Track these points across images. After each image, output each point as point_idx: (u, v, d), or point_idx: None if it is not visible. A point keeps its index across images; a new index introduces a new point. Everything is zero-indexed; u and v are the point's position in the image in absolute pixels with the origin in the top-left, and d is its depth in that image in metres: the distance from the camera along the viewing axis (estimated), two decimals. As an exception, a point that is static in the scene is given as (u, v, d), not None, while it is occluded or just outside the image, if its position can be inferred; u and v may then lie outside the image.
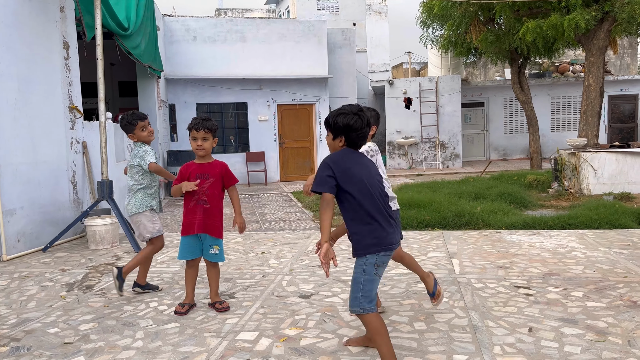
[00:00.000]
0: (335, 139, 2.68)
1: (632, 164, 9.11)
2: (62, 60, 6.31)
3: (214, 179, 3.58)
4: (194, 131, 3.53)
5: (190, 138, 3.57)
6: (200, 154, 3.57)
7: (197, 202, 3.56)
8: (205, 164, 3.61)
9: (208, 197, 3.56)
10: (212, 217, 3.59)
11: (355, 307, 2.57)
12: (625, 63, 21.42)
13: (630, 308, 3.43)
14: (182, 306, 3.63)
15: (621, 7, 9.62)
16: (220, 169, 3.63)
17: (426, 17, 13.99)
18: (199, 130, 3.51)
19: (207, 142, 3.55)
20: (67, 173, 6.36)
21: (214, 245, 3.63)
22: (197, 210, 3.56)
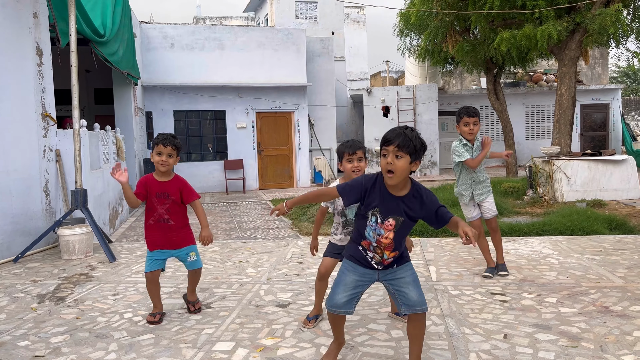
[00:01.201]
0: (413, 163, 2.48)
1: (604, 171, 9.33)
2: (35, 67, 6.20)
3: (173, 197, 3.58)
4: (160, 146, 3.51)
5: (155, 152, 3.54)
6: (162, 169, 3.55)
7: (157, 220, 3.57)
8: (166, 182, 3.59)
9: (171, 215, 3.58)
10: (178, 231, 3.61)
11: (426, 303, 2.62)
12: (597, 73, 21.97)
13: (602, 313, 3.50)
14: (154, 315, 3.59)
15: (592, 18, 9.88)
16: (179, 185, 3.62)
17: (403, 26, 14.14)
18: (167, 145, 3.51)
19: (172, 158, 3.55)
20: (39, 182, 6.23)
21: (189, 252, 3.67)
22: (159, 227, 3.57)
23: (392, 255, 2.59)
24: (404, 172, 2.44)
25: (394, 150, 2.43)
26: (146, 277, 3.62)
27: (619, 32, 10.27)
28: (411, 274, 2.64)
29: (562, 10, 10.38)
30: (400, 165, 2.42)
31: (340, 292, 2.62)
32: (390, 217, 2.53)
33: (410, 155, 2.43)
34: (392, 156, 2.43)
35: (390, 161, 2.43)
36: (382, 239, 2.56)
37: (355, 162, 3.30)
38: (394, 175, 2.44)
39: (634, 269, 4.59)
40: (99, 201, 7.24)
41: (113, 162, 8.59)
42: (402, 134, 2.44)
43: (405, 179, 2.49)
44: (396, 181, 2.46)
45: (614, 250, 5.35)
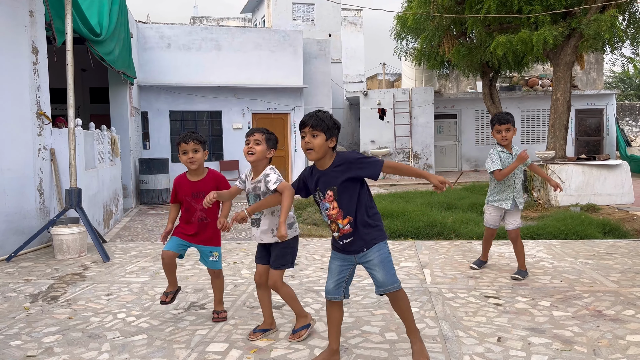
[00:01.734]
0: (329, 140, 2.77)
1: (598, 176, 9.37)
2: (31, 65, 6.17)
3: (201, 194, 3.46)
4: (182, 144, 3.43)
5: (180, 153, 3.45)
6: (193, 167, 3.45)
7: (199, 219, 3.49)
8: (199, 181, 3.49)
9: (207, 213, 3.49)
10: (209, 229, 3.53)
11: (397, 282, 2.74)
12: (592, 78, 22.09)
13: (595, 317, 3.51)
14: (167, 295, 3.58)
15: (588, 23, 9.93)
16: (215, 183, 3.50)
17: (400, 29, 14.18)
18: (189, 142, 3.42)
19: (198, 153, 3.45)
20: (33, 180, 6.20)
21: (213, 252, 3.57)
22: (196, 224, 3.50)
23: (346, 222, 2.73)
24: (321, 148, 2.72)
25: (309, 130, 2.73)
26: (163, 256, 3.48)
27: (614, 38, 10.33)
28: (379, 255, 2.74)
29: (558, 15, 10.43)
30: (317, 142, 2.71)
31: (329, 279, 2.84)
32: (327, 190, 2.76)
33: (324, 132, 2.72)
34: (309, 136, 2.72)
35: (307, 140, 2.73)
36: (330, 212, 2.76)
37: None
38: (313, 151, 2.72)
39: (627, 274, 4.61)
40: (93, 201, 7.21)
41: (108, 162, 8.57)
42: (314, 116, 2.75)
43: (327, 154, 2.76)
44: (315, 156, 2.74)
45: (608, 255, 5.37)
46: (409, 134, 17.46)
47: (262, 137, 3.18)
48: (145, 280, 4.69)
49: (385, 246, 2.79)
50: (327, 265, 2.83)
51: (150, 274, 4.92)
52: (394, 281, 2.72)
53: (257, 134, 3.17)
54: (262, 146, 3.16)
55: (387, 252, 2.78)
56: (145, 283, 4.61)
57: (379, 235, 2.78)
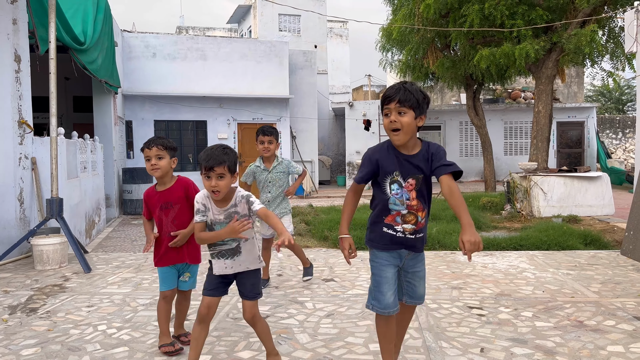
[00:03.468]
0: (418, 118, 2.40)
1: (579, 187, 9.51)
2: (13, 73, 6.10)
3: (179, 204, 3.18)
4: (145, 150, 3.14)
5: (145, 159, 3.17)
6: (156, 174, 3.15)
7: (167, 235, 3.18)
8: (166, 191, 3.19)
9: (177, 227, 3.17)
10: (185, 245, 3.22)
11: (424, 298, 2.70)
12: (573, 91, 22.50)
13: (576, 328, 3.55)
14: (173, 345, 3.18)
15: (568, 38, 10.14)
16: (183, 190, 3.21)
17: (385, 41, 14.33)
18: (151, 147, 3.12)
19: (163, 160, 3.14)
20: (14, 190, 6.10)
21: (185, 272, 3.28)
22: (166, 241, 3.18)
23: (424, 216, 2.48)
24: (410, 128, 2.33)
25: (395, 107, 2.32)
26: (163, 297, 3.23)
27: (594, 52, 10.55)
28: (424, 269, 2.67)
29: (539, 29, 10.63)
30: (405, 121, 2.32)
31: (388, 291, 2.49)
32: (409, 177, 2.42)
33: (413, 109, 2.32)
34: (395, 113, 2.33)
35: (393, 119, 2.33)
36: (412, 202, 2.43)
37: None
38: (401, 132, 2.33)
39: (608, 284, 4.67)
40: (75, 211, 7.11)
41: (91, 171, 8.47)
42: (401, 89, 2.33)
43: (413, 137, 2.39)
44: (404, 139, 2.34)
45: (589, 265, 5.44)
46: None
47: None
48: (127, 292, 4.63)
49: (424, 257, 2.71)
50: (373, 278, 2.56)
51: (132, 285, 4.86)
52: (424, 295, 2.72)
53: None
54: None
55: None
56: (127, 294, 4.54)
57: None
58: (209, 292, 2.80)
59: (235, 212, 2.71)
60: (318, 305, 4.12)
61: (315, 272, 5.22)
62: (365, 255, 6.19)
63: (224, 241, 2.73)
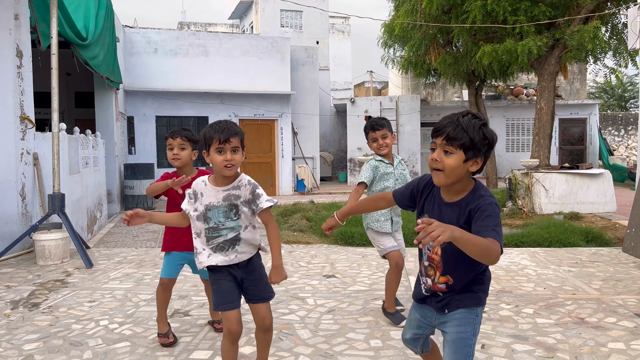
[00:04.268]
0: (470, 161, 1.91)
1: (581, 184, 9.50)
2: (15, 68, 6.10)
3: None
4: (169, 139, 3.24)
5: (167, 148, 3.29)
6: (176, 164, 3.24)
7: None
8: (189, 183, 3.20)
9: None
10: None
11: None
12: (575, 88, 22.44)
13: (577, 325, 3.55)
14: (167, 336, 3.21)
15: (571, 34, 10.10)
16: None
17: (387, 38, 14.30)
18: (176, 137, 3.23)
19: (185, 151, 3.24)
20: (15, 185, 6.11)
21: None
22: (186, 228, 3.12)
23: (443, 281, 2.01)
24: (454, 172, 1.90)
25: (442, 143, 1.90)
26: (161, 283, 3.25)
27: (597, 49, 10.52)
28: (456, 332, 2.00)
29: (542, 26, 10.60)
30: (450, 163, 1.89)
31: (406, 328, 2.28)
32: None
33: (464, 150, 1.87)
34: (440, 151, 1.91)
35: (436, 157, 1.92)
36: (433, 255, 2.03)
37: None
38: (442, 174, 1.92)
39: (609, 281, 4.67)
40: (76, 206, 7.12)
41: (92, 167, 8.48)
42: (454, 123, 1.89)
43: (462, 180, 1.95)
44: (444, 182, 1.94)
45: (590, 263, 5.44)
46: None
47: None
48: (129, 287, 4.64)
49: (468, 321, 2.01)
50: (311, 272, 2.59)
51: (134, 280, 4.87)
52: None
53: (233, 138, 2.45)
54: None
55: (469, 334, 2.00)
56: (128, 290, 4.56)
57: (468, 297, 2.02)
58: (229, 305, 2.47)
59: (234, 196, 2.44)
60: (319, 302, 4.13)
61: (317, 268, 5.23)
62: (366, 251, 6.20)
63: (219, 232, 2.44)
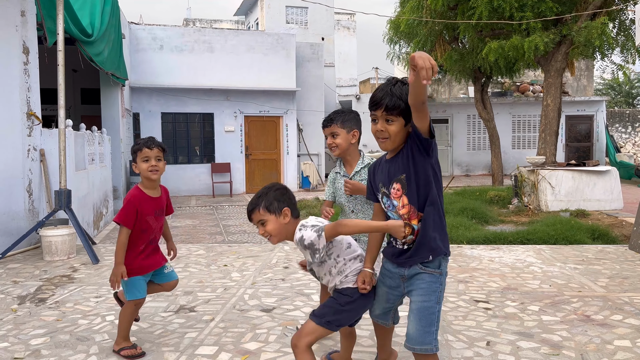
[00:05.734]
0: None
1: (587, 181, 9.45)
2: (21, 65, 6.13)
3: (163, 212, 3.12)
4: (145, 150, 2.96)
5: (140, 159, 2.98)
6: (154, 177, 2.99)
7: (150, 242, 3.06)
8: (159, 198, 3.08)
9: (158, 234, 3.12)
10: (158, 249, 3.15)
11: (429, 344, 2.13)
12: (582, 85, 22.30)
13: (583, 322, 3.54)
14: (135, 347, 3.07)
15: (578, 31, 10.03)
16: (167, 198, 3.17)
17: (393, 34, 14.24)
18: (152, 148, 2.98)
19: (161, 162, 3.02)
20: (22, 181, 6.15)
21: (166, 265, 3.20)
22: (151, 250, 3.08)
23: (416, 223, 2.18)
24: (399, 136, 2.12)
25: (382, 115, 2.11)
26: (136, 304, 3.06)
27: (604, 45, 10.43)
28: (423, 300, 2.15)
29: (549, 22, 10.53)
30: (394, 130, 2.11)
31: (375, 304, 2.43)
32: (393, 183, 2.19)
33: (403, 116, 2.08)
34: (382, 122, 2.13)
35: (380, 128, 2.14)
36: (400, 210, 2.18)
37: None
38: (388, 140, 2.15)
39: (615, 279, 4.65)
40: (83, 202, 7.16)
41: (98, 163, 8.51)
42: (388, 94, 2.08)
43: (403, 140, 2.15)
44: (391, 146, 2.16)
45: (596, 260, 5.42)
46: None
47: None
48: (135, 283, 4.66)
49: (434, 283, 2.20)
50: None
51: (139, 276, 4.89)
52: (425, 341, 2.14)
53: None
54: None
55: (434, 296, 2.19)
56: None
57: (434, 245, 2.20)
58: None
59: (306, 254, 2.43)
60: (324, 298, 4.13)
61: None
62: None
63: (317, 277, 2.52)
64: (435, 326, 2.15)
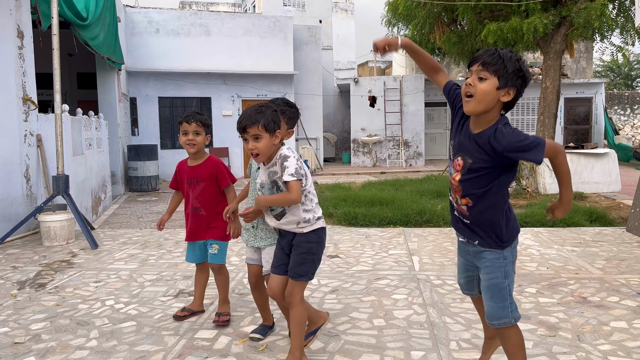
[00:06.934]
0: None
1: (586, 164, 9.46)
2: (16, 49, 6.07)
3: (204, 182, 3.22)
4: (184, 124, 3.16)
5: (180, 133, 3.20)
6: (192, 150, 3.18)
7: (192, 209, 3.27)
8: (196, 167, 3.24)
9: (201, 204, 3.23)
10: (207, 222, 3.25)
11: (506, 317, 2.14)
12: (581, 67, 22.19)
13: (580, 304, 3.56)
14: (182, 310, 3.37)
15: (578, 12, 9.95)
16: (212, 169, 3.23)
17: (391, 16, 14.14)
18: (191, 122, 3.14)
19: (199, 136, 3.18)
20: (20, 167, 6.13)
21: (213, 244, 3.26)
22: (191, 217, 3.28)
23: (464, 203, 2.09)
24: (486, 99, 1.92)
25: (477, 69, 1.93)
26: (195, 265, 3.43)
27: (603, 27, 10.37)
28: (490, 278, 2.14)
29: (548, 3, 10.44)
30: (483, 87, 1.91)
31: (458, 273, 2.40)
32: (459, 155, 2.07)
33: (498, 77, 1.91)
34: (475, 77, 1.94)
35: (470, 82, 1.95)
36: (452, 179, 2.11)
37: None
38: (473, 99, 1.94)
39: (612, 261, 4.68)
40: (81, 187, 7.15)
41: (96, 149, 8.49)
42: (491, 51, 1.95)
43: (491, 110, 1.97)
44: (474, 108, 1.95)
45: (594, 242, 5.44)
46: (399, 121, 17.47)
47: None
48: (134, 267, 4.68)
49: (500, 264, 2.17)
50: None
51: (139, 261, 4.90)
52: (502, 315, 2.15)
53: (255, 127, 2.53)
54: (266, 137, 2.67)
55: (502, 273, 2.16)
56: (134, 270, 4.59)
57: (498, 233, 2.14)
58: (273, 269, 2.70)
59: (273, 172, 2.56)
60: (323, 281, 4.15)
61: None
62: (370, 232, 6.22)
63: (270, 208, 2.62)
64: (509, 299, 2.14)
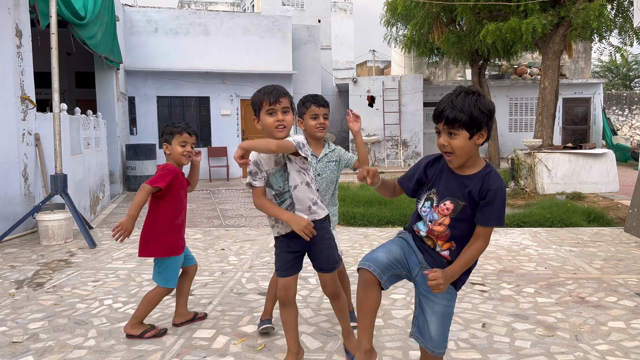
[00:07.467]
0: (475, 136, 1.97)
1: (584, 164, 9.47)
2: (15, 48, 6.06)
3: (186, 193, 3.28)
4: (185, 135, 3.09)
5: (177, 143, 3.08)
6: (186, 162, 3.16)
7: (182, 220, 3.19)
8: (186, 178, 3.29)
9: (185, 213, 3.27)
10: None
11: (444, 348, 2.11)
12: (580, 67, 22.21)
13: (578, 304, 3.57)
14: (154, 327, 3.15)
15: (576, 12, 9.96)
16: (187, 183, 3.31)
17: (390, 16, 14.12)
18: (192, 134, 3.14)
19: (193, 150, 3.21)
20: (18, 166, 6.12)
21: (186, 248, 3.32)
22: (181, 227, 3.19)
23: (447, 247, 2.05)
24: (464, 151, 1.96)
25: (444, 128, 1.96)
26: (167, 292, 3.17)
27: (602, 27, 10.38)
28: (447, 305, 2.07)
29: (547, 3, 10.44)
30: (457, 144, 1.95)
31: (381, 251, 2.06)
32: (447, 199, 2.02)
33: (467, 129, 1.93)
34: (445, 135, 1.97)
35: (443, 142, 1.98)
36: (435, 226, 2.03)
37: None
38: (453, 156, 1.98)
39: (610, 261, 4.68)
40: (79, 187, 7.14)
41: (94, 148, 8.47)
42: (449, 105, 1.93)
43: (472, 156, 2.00)
44: (459, 162, 2.00)
45: (592, 242, 5.45)
46: (398, 121, 17.47)
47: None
48: (132, 267, 4.67)
49: (454, 297, 2.12)
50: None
51: (137, 260, 4.90)
52: (443, 345, 2.10)
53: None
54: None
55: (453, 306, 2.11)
56: (132, 269, 4.59)
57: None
58: (282, 272, 2.56)
59: (283, 157, 2.49)
60: (321, 281, 4.15)
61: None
62: (368, 231, 6.23)
63: (282, 199, 2.49)
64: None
